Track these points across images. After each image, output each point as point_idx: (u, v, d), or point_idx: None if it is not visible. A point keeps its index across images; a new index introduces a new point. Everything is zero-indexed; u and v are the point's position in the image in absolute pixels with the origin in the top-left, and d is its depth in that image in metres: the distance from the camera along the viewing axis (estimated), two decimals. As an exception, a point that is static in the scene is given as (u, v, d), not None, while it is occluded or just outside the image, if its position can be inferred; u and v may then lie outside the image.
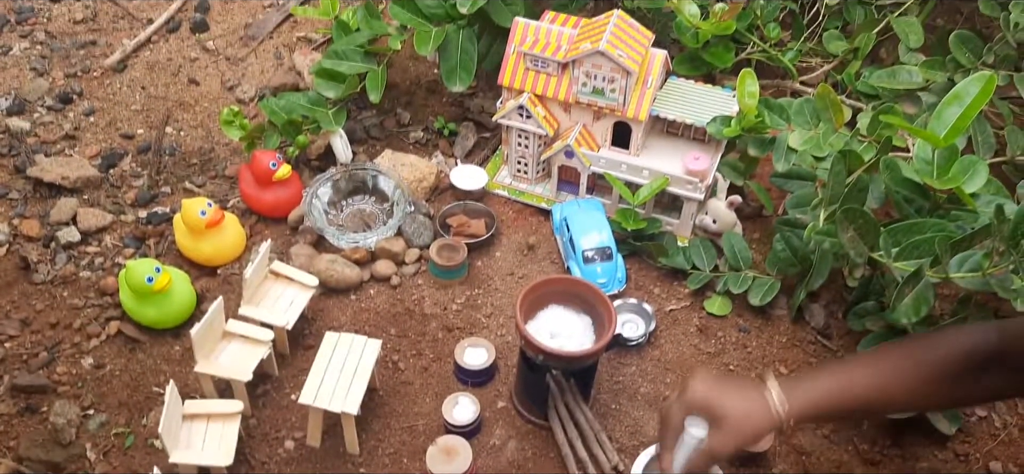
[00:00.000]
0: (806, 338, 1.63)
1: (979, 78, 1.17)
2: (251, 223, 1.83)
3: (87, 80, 2.18)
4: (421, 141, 2.07)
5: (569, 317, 1.44)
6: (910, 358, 1.16)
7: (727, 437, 1.14)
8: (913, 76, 1.72)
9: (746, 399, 1.15)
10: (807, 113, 1.59)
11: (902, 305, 1.04)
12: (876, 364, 1.17)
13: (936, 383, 1.15)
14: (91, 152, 1.98)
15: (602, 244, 1.68)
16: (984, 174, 1.26)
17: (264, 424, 1.46)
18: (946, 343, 1.15)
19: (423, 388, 1.54)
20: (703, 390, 1.15)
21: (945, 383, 1.14)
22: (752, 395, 1.15)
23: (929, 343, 1.17)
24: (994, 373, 1.11)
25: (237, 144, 1.96)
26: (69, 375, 1.52)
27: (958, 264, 1.06)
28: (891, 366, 1.16)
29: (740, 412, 1.14)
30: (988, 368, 1.11)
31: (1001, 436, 1.49)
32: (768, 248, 1.75)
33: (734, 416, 1.13)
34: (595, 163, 1.77)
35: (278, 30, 2.40)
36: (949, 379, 1.14)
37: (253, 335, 1.47)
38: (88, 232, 1.77)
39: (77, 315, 1.62)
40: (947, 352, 1.14)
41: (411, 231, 1.78)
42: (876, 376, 1.16)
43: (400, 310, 1.67)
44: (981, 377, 1.12)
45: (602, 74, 1.67)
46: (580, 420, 1.42)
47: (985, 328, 1.14)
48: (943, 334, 1.17)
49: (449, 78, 1.92)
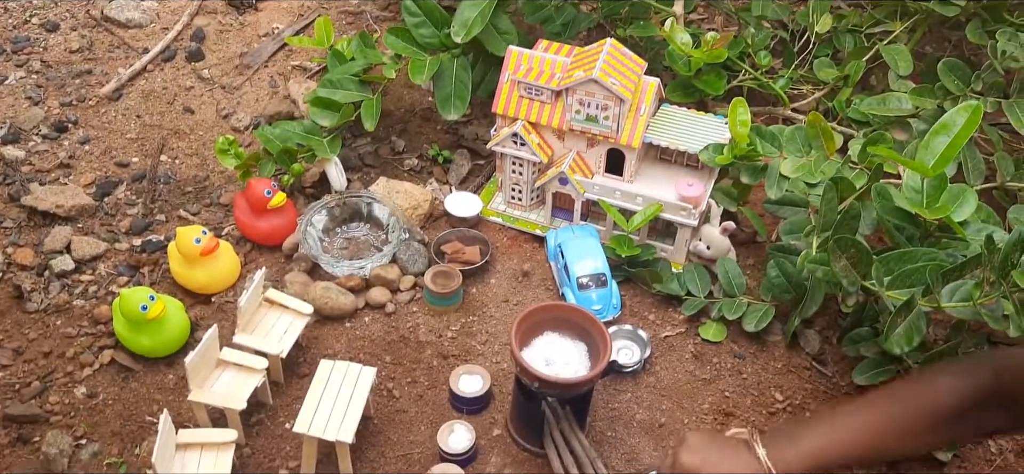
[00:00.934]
0: (801, 364, 1.64)
1: (966, 108, 1.19)
2: (245, 251, 1.83)
3: (82, 109, 2.19)
4: (416, 168, 2.08)
5: (564, 344, 1.44)
6: (901, 404, 1.15)
7: None
8: (903, 103, 1.73)
9: (737, 467, 1.15)
10: (799, 141, 1.61)
11: (894, 335, 1.05)
12: (866, 414, 1.16)
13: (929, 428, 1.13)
14: (86, 181, 1.98)
15: (597, 271, 1.68)
16: (973, 202, 1.27)
17: (258, 453, 1.46)
18: (938, 386, 1.13)
19: (418, 416, 1.53)
20: (693, 461, 1.15)
21: (938, 426, 1.12)
22: (743, 463, 1.15)
23: (920, 388, 1.15)
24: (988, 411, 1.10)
25: (232, 172, 1.96)
26: (62, 405, 1.51)
27: (950, 294, 1.07)
28: (882, 415, 1.15)
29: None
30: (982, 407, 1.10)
31: (997, 461, 1.49)
32: (762, 274, 1.75)
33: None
34: (589, 190, 1.78)
35: (273, 59, 2.42)
36: (942, 422, 1.12)
37: (247, 363, 1.47)
38: (82, 260, 1.77)
39: (70, 344, 1.62)
40: (939, 395, 1.13)
41: (406, 258, 1.78)
42: (867, 427, 1.16)
43: (395, 338, 1.66)
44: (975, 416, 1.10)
45: (596, 102, 1.68)
46: (576, 447, 1.42)
47: (976, 366, 1.13)
48: (933, 376, 1.17)
49: (444, 106, 1.93)
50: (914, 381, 1.22)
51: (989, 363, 1.11)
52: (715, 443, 1.19)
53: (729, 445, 1.18)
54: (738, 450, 1.17)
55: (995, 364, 1.10)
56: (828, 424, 1.18)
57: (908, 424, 1.13)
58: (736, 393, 1.58)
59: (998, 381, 1.08)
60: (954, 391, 1.11)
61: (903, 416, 1.13)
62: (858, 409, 1.18)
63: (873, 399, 1.19)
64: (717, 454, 1.17)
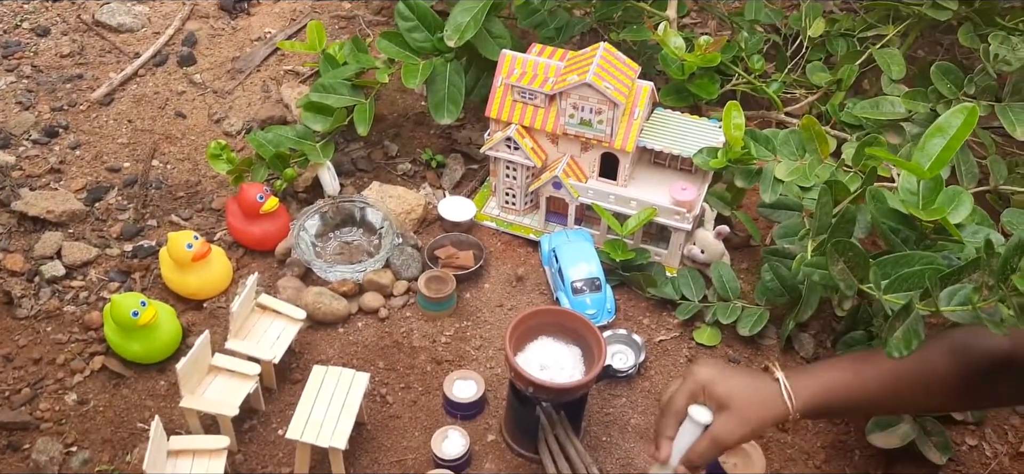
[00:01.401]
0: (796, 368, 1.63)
1: (962, 110, 1.19)
2: (238, 256, 1.82)
3: (73, 114, 2.18)
4: (409, 173, 2.07)
5: (559, 349, 1.43)
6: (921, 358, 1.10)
7: (734, 424, 1.08)
8: (896, 107, 1.73)
9: (754, 386, 1.10)
10: (793, 144, 1.60)
11: (893, 339, 1.04)
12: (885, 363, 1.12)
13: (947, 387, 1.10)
14: (77, 186, 1.96)
15: (591, 275, 1.68)
16: (969, 205, 1.27)
17: (251, 460, 1.45)
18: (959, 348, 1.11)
19: (412, 422, 1.52)
20: (709, 373, 1.10)
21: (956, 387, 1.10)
22: (760, 383, 1.10)
23: (942, 347, 1.12)
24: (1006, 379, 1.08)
25: (224, 177, 1.95)
26: (52, 411, 1.50)
27: (948, 297, 1.06)
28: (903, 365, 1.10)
29: (748, 398, 1.08)
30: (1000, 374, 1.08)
31: (992, 465, 1.49)
32: (756, 278, 1.75)
33: (742, 402, 1.07)
34: (583, 194, 1.77)
35: (265, 63, 2.41)
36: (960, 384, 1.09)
37: (240, 369, 1.46)
38: (73, 266, 1.76)
39: (61, 350, 1.60)
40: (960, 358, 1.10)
41: (399, 263, 1.77)
42: (887, 373, 1.12)
43: (388, 343, 1.66)
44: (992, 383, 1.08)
45: (589, 106, 1.67)
46: (571, 453, 1.41)
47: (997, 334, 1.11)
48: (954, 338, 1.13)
49: (437, 110, 1.93)
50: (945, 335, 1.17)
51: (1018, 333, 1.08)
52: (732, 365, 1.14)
53: (747, 368, 1.14)
54: (756, 372, 1.13)
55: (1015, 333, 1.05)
56: (851, 364, 1.14)
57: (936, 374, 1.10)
58: (731, 397, 1.58)
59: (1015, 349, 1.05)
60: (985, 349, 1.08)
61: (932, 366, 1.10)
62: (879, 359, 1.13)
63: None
64: (735, 370, 1.12)
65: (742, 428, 1.08)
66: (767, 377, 1.12)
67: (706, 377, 1.09)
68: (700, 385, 1.10)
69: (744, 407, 1.08)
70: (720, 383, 1.08)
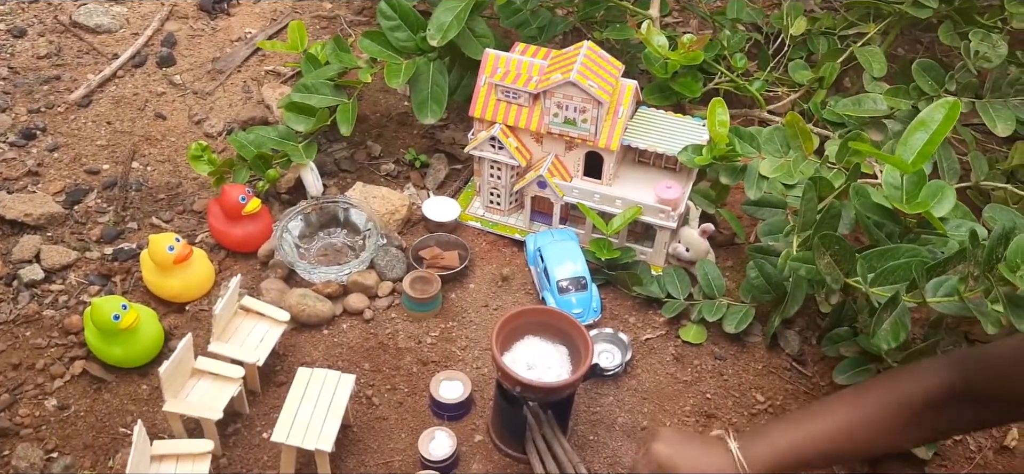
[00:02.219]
0: (781, 365, 1.64)
1: (944, 104, 1.20)
2: (220, 258, 1.80)
3: (51, 115, 2.15)
4: (392, 173, 2.06)
5: (545, 348, 1.43)
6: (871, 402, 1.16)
7: None
8: (878, 104, 1.75)
9: (708, 459, 1.16)
10: (777, 141, 1.61)
11: (881, 331, 1.05)
12: (837, 411, 1.18)
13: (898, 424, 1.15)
14: (55, 188, 1.94)
15: (576, 274, 1.68)
16: (952, 199, 1.28)
17: (235, 464, 1.43)
18: (905, 383, 1.15)
19: (398, 423, 1.51)
20: (665, 452, 1.16)
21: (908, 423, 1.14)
22: (714, 455, 1.16)
23: (893, 387, 1.17)
24: (957, 408, 1.11)
25: (205, 178, 1.93)
26: (32, 417, 1.48)
27: (934, 289, 1.07)
28: (853, 411, 1.17)
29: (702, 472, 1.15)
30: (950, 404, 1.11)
31: (976, 459, 1.50)
32: (741, 275, 1.76)
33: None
34: (568, 193, 1.77)
35: (246, 64, 2.39)
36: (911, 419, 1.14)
37: (223, 372, 1.44)
38: (52, 270, 1.73)
39: (40, 355, 1.58)
40: (908, 391, 1.14)
41: (384, 264, 1.76)
42: (837, 428, 1.17)
43: (373, 344, 1.64)
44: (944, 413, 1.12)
45: (573, 104, 1.67)
46: (558, 452, 1.40)
47: (944, 365, 1.14)
48: (901, 374, 1.18)
49: (420, 110, 1.92)
50: (884, 379, 1.23)
51: (957, 362, 1.13)
52: (688, 437, 1.22)
53: (702, 440, 1.20)
54: (711, 445, 1.18)
55: (963, 362, 1.12)
56: (800, 421, 1.20)
57: (878, 420, 1.15)
58: (717, 395, 1.58)
59: (965, 379, 1.09)
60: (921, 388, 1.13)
61: (873, 412, 1.15)
62: (829, 406, 1.20)
63: (844, 397, 1.21)
64: (690, 447, 1.18)
65: None
66: (722, 448, 1.17)
67: (664, 456, 1.16)
68: (658, 464, 1.16)
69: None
70: (678, 463, 1.15)
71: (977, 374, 1.09)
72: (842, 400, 1.20)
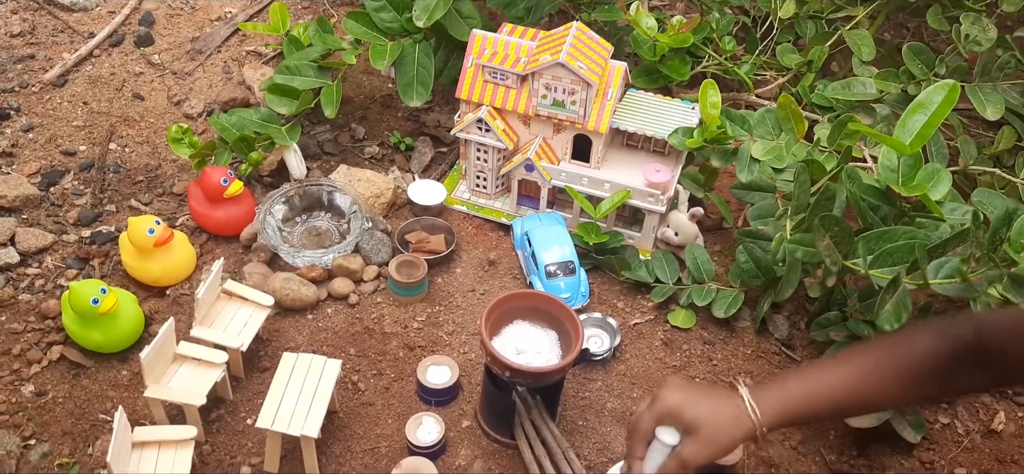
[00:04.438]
0: (770, 350, 1.63)
1: (943, 86, 1.19)
2: (201, 242, 1.76)
3: (25, 95, 2.09)
4: (377, 156, 2.03)
5: (535, 333, 1.41)
6: (886, 358, 1.14)
7: (701, 446, 1.10)
8: (867, 88, 1.74)
9: (720, 407, 1.12)
10: (769, 123, 1.60)
11: (883, 312, 1.04)
12: (850, 365, 1.15)
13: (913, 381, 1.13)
14: (30, 170, 1.89)
15: (565, 259, 1.66)
16: (948, 181, 1.27)
17: (219, 450, 1.40)
18: (922, 340, 1.13)
19: (385, 409, 1.49)
20: (675, 398, 1.12)
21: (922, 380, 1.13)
22: (726, 403, 1.12)
23: (904, 341, 1.15)
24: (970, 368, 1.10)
25: (185, 161, 1.89)
26: (8, 404, 1.44)
27: (935, 270, 1.06)
28: (866, 367, 1.14)
29: (714, 420, 1.10)
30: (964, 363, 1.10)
31: (964, 443, 1.50)
32: (730, 260, 1.75)
33: (708, 424, 1.10)
34: (556, 177, 1.75)
35: (226, 44, 2.34)
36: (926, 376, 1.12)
37: (206, 357, 1.41)
38: (28, 253, 1.69)
39: (16, 340, 1.54)
40: (924, 349, 1.12)
41: (369, 248, 1.73)
42: (851, 377, 1.14)
43: (359, 329, 1.62)
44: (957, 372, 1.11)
45: (562, 86, 1.65)
46: (547, 438, 1.39)
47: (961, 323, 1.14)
48: (917, 332, 1.16)
49: (405, 92, 1.89)
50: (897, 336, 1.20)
51: (972, 321, 1.12)
52: (697, 386, 1.16)
53: (713, 387, 1.15)
54: (721, 393, 1.14)
55: (977, 322, 1.11)
56: (813, 373, 1.16)
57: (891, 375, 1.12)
58: (706, 379, 1.57)
59: (979, 338, 1.08)
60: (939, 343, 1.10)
61: (886, 367, 1.12)
62: (843, 360, 1.17)
63: (858, 353, 1.18)
64: (699, 395, 1.14)
65: (708, 449, 1.11)
66: (733, 396, 1.13)
67: (673, 402, 1.12)
68: (668, 410, 1.12)
69: (711, 429, 1.10)
70: (687, 409, 1.11)
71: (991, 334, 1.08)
72: (858, 354, 1.17)
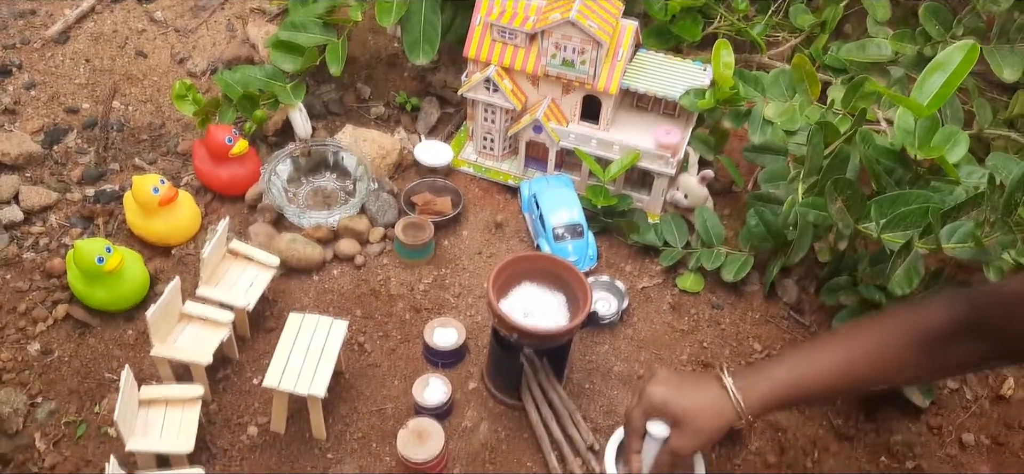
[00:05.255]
0: (779, 314, 1.62)
1: (962, 47, 1.16)
2: (206, 201, 1.75)
3: (27, 52, 2.07)
4: (383, 116, 2.01)
5: (542, 295, 1.39)
6: (873, 337, 1.14)
7: (688, 437, 1.15)
8: (883, 49, 1.71)
9: (704, 398, 1.15)
10: (782, 84, 1.57)
11: (895, 277, 1.03)
12: (839, 347, 1.16)
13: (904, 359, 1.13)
14: (33, 127, 1.87)
15: (573, 221, 1.64)
16: (965, 144, 1.25)
17: (225, 409, 1.40)
18: (910, 317, 1.13)
19: (391, 370, 1.48)
20: (661, 392, 1.16)
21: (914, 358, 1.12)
22: (710, 394, 1.15)
23: (895, 319, 1.14)
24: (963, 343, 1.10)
25: (189, 119, 1.87)
26: (14, 362, 1.43)
27: (948, 235, 1.05)
28: (856, 345, 1.15)
29: (699, 411, 1.14)
30: (958, 338, 1.09)
31: (973, 408, 1.49)
32: (739, 223, 1.73)
33: (694, 416, 1.14)
34: (564, 138, 1.73)
35: (229, 1, 2.31)
36: (918, 354, 1.12)
37: (212, 317, 1.40)
38: (32, 211, 1.68)
39: (22, 298, 1.53)
40: (915, 326, 1.12)
41: (375, 209, 1.72)
42: (840, 359, 1.15)
43: (365, 291, 1.61)
44: (950, 349, 1.10)
45: (572, 45, 1.62)
46: (554, 400, 1.39)
47: (954, 298, 1.13)
48: (910, 309, 1.16)
49: (412, 51, 1.86)
50: (887, 313, 1.22)
51: (964, 296, 1.11)
52: (683, 377, 1.21)
53: (697, 378, 1.20)
54: (707, 383, 1.17)
55: (973, 296, 1.10)
56: (801, 357, 1.17)
57: (881, 355, 1.13)
58: (714, 344, 1.56)
59: (975, 312, 1.07)
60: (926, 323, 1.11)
61: (876, 347, 1.13)
62: (830, 341, 1.18)
63: (844, 332, 1.19)
64: (685, 387, 1.18)
65: (696, 440, 1.15)
66: (718, 386, 1.16)
67: (660, 397, 1.16)
68: (654, 405, 1.16)
69: (697, 421, 1.14)
70: (672, 402, 1.15)
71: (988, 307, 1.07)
72: (843, 335, 1.17)
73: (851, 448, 1.42)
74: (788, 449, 1.41)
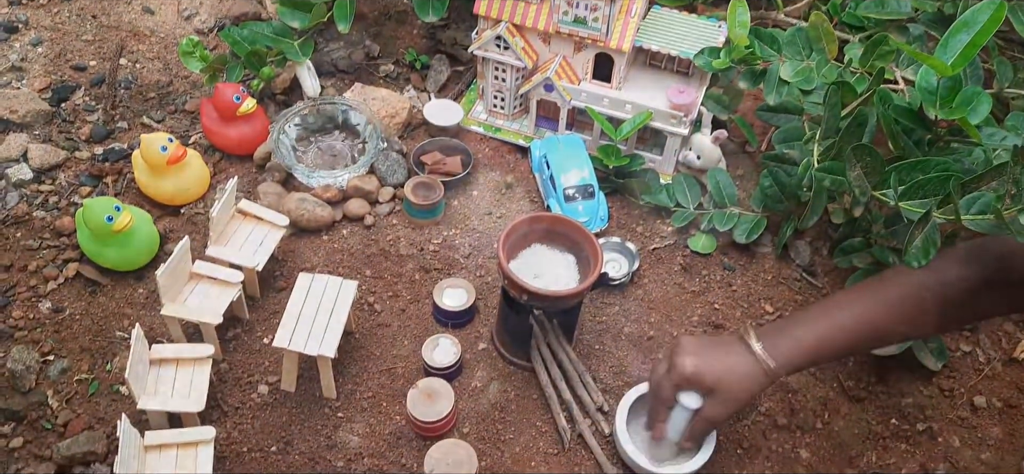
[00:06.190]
0: (792, 276, 1.61)
1: (989, 4, 1.13)
2: (215, 160, 1.74)
3: (33, 8, 2.05)
4: (392, 75, 1.98)
5: (553, 256, 1.39)
6: (893, 292, 1.14)
7: (722, 405, 1.16)
8: (903, 6, 1.66)
9: (735, 364, 1.15)
10: (799, 43, 1.54)
11: (912, 248, 1.02)
12: (857, 303, 1.16)
13: (924, 315, 1.13)
14: (40, 85, 1.86)
15: (584, 182, 1.63)
16: (987, 105, 1.22)
17: (236, 368, 1.40)
18: (929, 272, 1.12)
19: (401, 330, 1.48)
20: (692, 363, 1.15)
21: (939, 309, 1.12)
22: (739, 359, 1.15)
23: (911, 275, 1.14)
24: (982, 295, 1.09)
25: (197, 77, 1.86)
26: (26, 319, 1.44)
27: (967, 205, 1.03)
28: (880, 300, 1.15)
29: (732, 378, 1.15)
30: (979, 292, 1.09)
31: (985, 371, 1.48)
32: (752, 184, 1.71)
33: (727, 383, 1.14)
34: (576, 97, 1.71)
35: (237, -43, 2.28)
36: (943, 304, 1.12)
37: (222, 276, 1.40)
38: (41, 170, 1.67)
39: (32, 257, 1.53)
40: (931, 280, 1.12)
41: (384, 169, 1.71)
42: (865, 313, 1.15)
43: (375, 251, 1.60)
44: (968, 300, 1.10)
45: (585, 2, 1.59)
46: (563, 361, 1.39)
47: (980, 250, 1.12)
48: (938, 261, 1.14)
49: (421, 8, 1.83)
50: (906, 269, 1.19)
51: (995, 247, 1.10)
52: (710, 344, 1.20)
53: (724, 344, 1.19)
54: (734, 348, 1.17)
55: (1001, 247, 1.09)
56: (823, 314, 1.18)
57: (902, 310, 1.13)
58: (725, 305, 1.55)
59: (1002, 263, 1.07)
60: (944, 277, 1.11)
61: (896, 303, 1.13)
62: (851, 298, 1.18)
63: (865, 288, 1.18)
64: (714, 355, 1.17)
65: (731, 406, 1.16)
66: (745, 350, 1.16)
67: (691, 368, 1.15)
68: (686, 377, 1.16)
69: (730, 388, 1.15)
70: (705, 373, 1.15)
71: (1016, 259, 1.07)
72: (863, 291, 1.18)
73: (862, 410, 1.42)
74: (798, 410, 1.41)
